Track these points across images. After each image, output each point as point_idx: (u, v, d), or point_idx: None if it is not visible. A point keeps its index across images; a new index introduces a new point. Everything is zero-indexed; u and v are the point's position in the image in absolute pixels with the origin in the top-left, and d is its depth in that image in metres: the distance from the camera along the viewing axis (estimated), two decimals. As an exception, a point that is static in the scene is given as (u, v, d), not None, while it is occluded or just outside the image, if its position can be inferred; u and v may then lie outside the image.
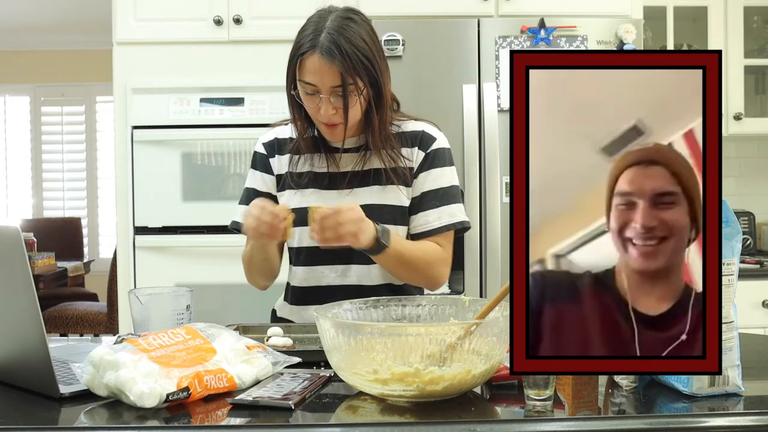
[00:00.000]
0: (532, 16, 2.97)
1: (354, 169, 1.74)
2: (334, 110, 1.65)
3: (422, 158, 1.76)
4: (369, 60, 1.64)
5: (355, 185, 1.74)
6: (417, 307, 1.43)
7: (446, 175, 1.77)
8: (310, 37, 1.62)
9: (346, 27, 1.63)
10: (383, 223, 1.67)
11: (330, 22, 1.63)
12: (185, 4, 3.08)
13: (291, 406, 1.12)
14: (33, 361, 1.22)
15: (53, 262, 5.29)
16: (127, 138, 3.05)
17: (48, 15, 5.84)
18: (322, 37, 1.61)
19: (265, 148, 1.83)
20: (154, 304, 1.48)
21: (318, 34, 1.62)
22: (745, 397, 1.18)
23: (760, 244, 3.70)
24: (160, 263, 3.04)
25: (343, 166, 1.76)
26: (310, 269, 1.77)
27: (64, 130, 6.91)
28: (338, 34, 1.61)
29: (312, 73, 1.62)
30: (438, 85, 2.93)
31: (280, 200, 1.79)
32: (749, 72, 3.54)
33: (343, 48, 1.60)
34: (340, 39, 1.60)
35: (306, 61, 1.63)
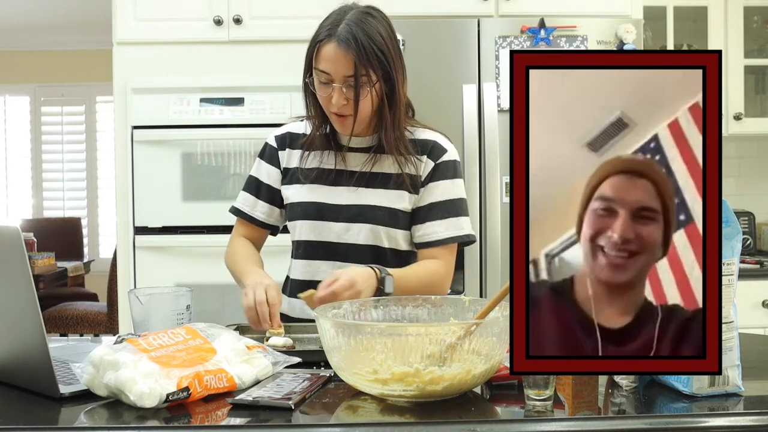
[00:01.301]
0: (532, 16, 2.97)
1: (362, 169, 1.76)
2: (345, 100, 1.67)
3: (431, 168, 1.76)
4: (384, 54, 1.66)
5: (362, 185, 1.75)
6: (417, 307, 1.43)
7: (455, 187, 1.78)
8: (329, 26, 1.67)
9: (365, 20, 1.67)
10: (382, 225, 1.70)
11: (350, 15, 1.67)
12: (185, 4, 3.08)
13: (291, 406, 1.12)
14: (33, 361, 1.22)
15: (53, 262, 5.29)
16: (127, 138, 3.05)
17: (48, 15, 5.84)
18: (340, 27, 1.65)
19: (276, 140, 1.85)
20: (154, 304, 1.48)
21: (337, 24, 1.66)
22: (745, 397, 1.18)
23: (760, 244, 3.70)
24: (160, 263, 3.04)
25: (352, 164, 1.77)
26: (308, 263, 1.78)
27: (64, 130, 6.90)
28: (356, 26, 1.65)
29: (327, 60, 1.65)
30: (438, 85, 2.93)
31: (287, 191, 1.81)
32: (749, 72, 3.54)
33: (359, 39, 1.64)
34: (358, 31, 1.64)
35: (322, 48, 1.66)
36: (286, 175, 1.82)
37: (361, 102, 1.66)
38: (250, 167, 3.01)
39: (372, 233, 1.73)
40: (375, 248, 1.74)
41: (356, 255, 1.73)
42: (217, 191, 3.05)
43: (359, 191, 1.75)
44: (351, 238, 1.74)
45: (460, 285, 2.88)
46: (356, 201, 1.74)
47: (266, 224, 1.86)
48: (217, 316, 3.00)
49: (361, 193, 1.74)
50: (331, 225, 1.75)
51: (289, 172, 1.82)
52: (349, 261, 1.74)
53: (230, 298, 3.02)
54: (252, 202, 1.85)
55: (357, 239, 1.74)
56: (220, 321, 1.47)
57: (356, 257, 1.73)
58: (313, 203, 1.76)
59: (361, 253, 1.73)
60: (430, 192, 1.76)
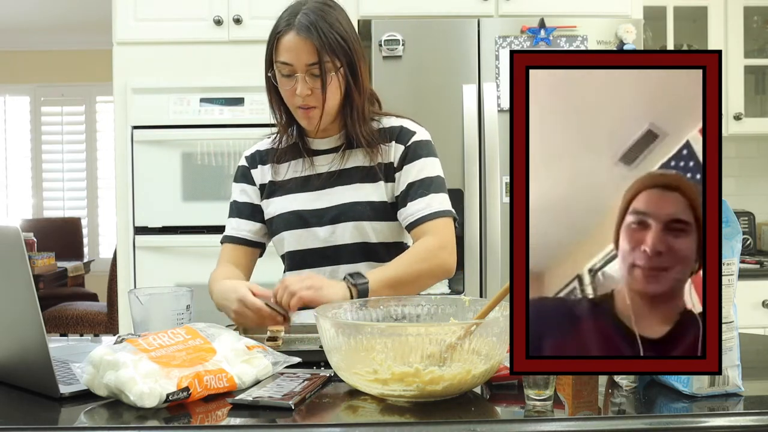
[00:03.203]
0: (532, 16, 2.97)
1: (334, 168, 1.74)
2: (309, 90, 1.65)
3: (402, 151, 1.74)
4: (345, 41, 1.66)
5: (337, 184, 1.74)
6: (417, 307, 1.42)
7: (430, 166, 1.74)
8: (287, 18, 1.66)
9: (323, 9, 1.66)
10: (365, 220, 1.69)
11: (307, 6, 1.67)
12: (185, 4, 3.08)
13: (291, 406, 1.12)
14: (33, 361, 1.22)
15: (53, 262, 5.30)
16: (127, 138, 3.05)
17: (48, 15, 5.84)
18: (298, 17, 1.64)
19: (246, 160, 1.85)
20: (154, 304, 1.48)
21: (294, 14, 1.65)
22: (745, 397, 1.18)
23: (760, 244, 3.70)
24: (160, 263, 3.04)
25: (323, 167, 1.76)
26: (300, 273, 1.75)
27: (64, 130, 6.91)
28: (314, 14, 1.64)
29: (288, 50, 1.64)
30: (438, 85, 2.93)
31: (267, 208, 1.80)
32: (749, 72, 3.54)
33: (319, 26, 1.63)
34: (317, 19, 1.64)
35: (282, 39, 1.65)
36: (263, 191, 1.81)
37: (327, 90, 1.64)
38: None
39: (357, 230, 1.71)
40: (363, 245, 1.72)
41: (346, 256, 1.72)
42: (217, 191, 3.05)
43: (336, 191, 1.73)
44: (338, 240, 1.72)
45: (460, 285, 2.88)
46: (335, 201, 1.73)
47: (254, 242, 1.82)
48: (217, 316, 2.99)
49: (339, 193, 1.73)
50: (315, 231, 1.73)
51: (265, 188, 1.80)
52: (340, 263, 1.73)
53: (230, 298, 3.02)
54: (236, 224, 1.82)
55: (344, 239, 1.72)
56: (220, 321, 1.47)
57: (346, 258, 1.72)
58: (294, 212, 1.75)
59: (350, 253, 1.72)
60: (407, 174, 1.72)
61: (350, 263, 1.72)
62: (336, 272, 1.73)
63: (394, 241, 1.76)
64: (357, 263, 1.72)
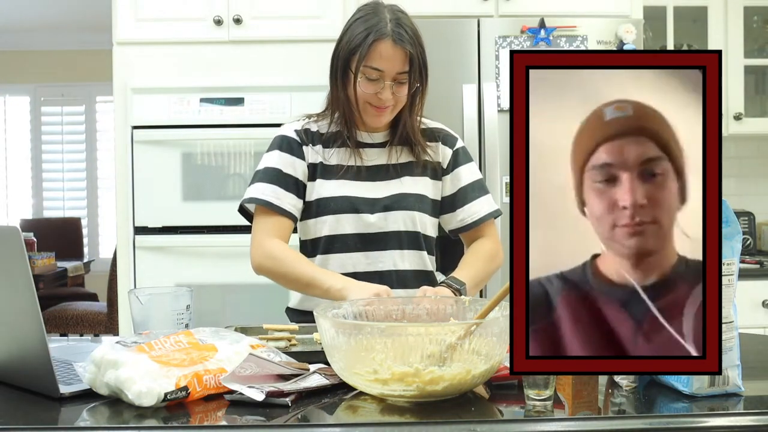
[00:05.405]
0: (532, 16, 2.97)
1: (382, 162, 1.81)
2: (392, 96, 1.73)
3: (451, 155, 1.86)
4: (423, 48, 1.76)
5: (386, 177, 1.80)
6: (417, 307, 1.43)
7: (475, 169, 1.90)
8: (376, 26, 1.71)
9: (404, 18, 1.75)
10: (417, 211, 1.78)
11: (391, 15, 1.74)
12: (185, 4, 3.08)
13: (288, 403, 1.12)
14: (33, 361, 1.22)
15: (53, 262, 5.30)
16: (127, 138, 3.05)
17: (48, 15, 5.84)
18: (389, 26, 1.71)
19: (297, 135, 1.82)
20: (154, 304, 1.48)
21: (384, 23, 1.71)
22: (745, 397, 1.18)
23: (760, 244, 3.70)
24: (160, 263, 3.04)
25: (371, 159, 1.82)
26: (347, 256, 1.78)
27: (64, 130, 6.90)
28: (403, 24, 1.74)
29: (382, 58, 1.70)
30: (438, 85, 2.91)
31: (311, 188, 1.80)
32: (749, 72, 3.54)
33: (411, 36, 1.73)
34: (407, 29, 1.73)
35: (378, 45, 1.70)
36: (311, 170, 1.80)
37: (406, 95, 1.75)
38: (250, 167, 3.04)
39: (410, 219, 1.79)
40: (414, 234, 1.80)
41: (394, 242, 1.78)
42: (217, 191, 3.05)
43: (386, 183, 1.80)
44: (389, 226, 1.78)
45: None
46: (388, 192, 1.79)
47: (295, 218, 1.80)
48: (217, 316, 3.00)
49: (388, 185, 1.80)
50: (366, 217, 1.77)
51: (317, 168, 1.80)
52: (387, 249, 1.78)
53: (230, 298, 3.02)
54: (280, 193, 1.77)
55: (397, 226, 1.78)
56: (220, 321, 1.47)
57: (394, 244, 1.78)
58: (346, 197, 1.77)
59: (400, 240, 1.78)
60: (459, 177, 1.86)
61: (398, 249, 1.78)
62: (382, 257, 1.78)
63: (431, 235, 1.86)
64: (403, 250, 1.79)
